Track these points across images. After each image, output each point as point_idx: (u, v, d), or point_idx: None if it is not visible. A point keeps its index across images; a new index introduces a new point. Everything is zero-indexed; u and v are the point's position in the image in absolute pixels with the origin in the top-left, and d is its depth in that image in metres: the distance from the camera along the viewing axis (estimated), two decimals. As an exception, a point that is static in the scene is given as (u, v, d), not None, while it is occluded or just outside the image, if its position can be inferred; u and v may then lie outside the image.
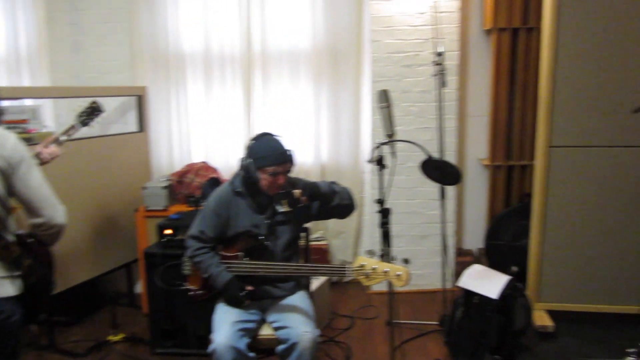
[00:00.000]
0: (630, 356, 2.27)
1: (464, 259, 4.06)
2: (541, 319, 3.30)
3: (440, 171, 2.81)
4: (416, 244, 3.95)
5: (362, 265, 2.17)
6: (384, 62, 3.69)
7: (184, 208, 3.55)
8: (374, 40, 3.66)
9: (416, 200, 3.89)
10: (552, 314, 3.35)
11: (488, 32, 3.85)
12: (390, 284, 2.25)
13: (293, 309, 2.43)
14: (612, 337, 3.16)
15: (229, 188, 2.47)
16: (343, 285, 4.11)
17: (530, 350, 3.12)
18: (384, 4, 3.61)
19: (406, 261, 2.22)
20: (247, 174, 2.37)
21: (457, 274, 3.09)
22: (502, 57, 3.77)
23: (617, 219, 3.19)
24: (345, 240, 4.17)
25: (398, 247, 3.88)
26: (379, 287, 3.74)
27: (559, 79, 3.08)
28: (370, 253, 2.24)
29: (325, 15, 3.81)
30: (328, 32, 3.84)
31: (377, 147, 2.66)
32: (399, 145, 2.93)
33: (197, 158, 4.06)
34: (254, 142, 2.41)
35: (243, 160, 2.38)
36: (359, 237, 4.20)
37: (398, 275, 2.12)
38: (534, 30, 3.66)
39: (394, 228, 3.84)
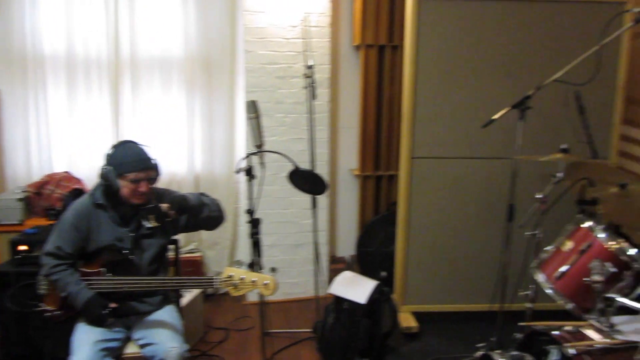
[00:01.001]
0: (480, 350, 2.46)
1: (337, 266, 4.19)
2: (407, 320, 3.48)
3: (307, 181, 2.87)
4: (291, 253, 4.00)
5: (230, 276, 2.16)
6: (258, 72, 3.72)
7: (43, 222, 3.30)
8: (248, 50, 3.67)
9: (290, 210, 3.94)
10: (417, 315, 3.55)
11: (357, 47, 4.03)
12: (260, 294, 2.26)
13: (160, 324, 2.35)
14: (469, 333, 3.40)
15: (89, 200, 2.33)
16: (218, 297, 4.05)
17: (396, 350, 3.28)
18: (257, 15, 3.64)
19: (273, 270, 2.24)
20: (107, 183, 2.25)
21: (331, 281, 3.18)
22: (370, 72, 3.97)
23: (471, 224, 3.46)
24: (221, 252, 4.11)
25: (273, 257, 3.94)
26: (254, 297, 3.78)
27: (420, 94, 3.30)
28: (238, 263, 2.24)
29: (197, 23, 3.76)
30: (201, 40, 3.79)
31: (246, 157, 2.67)
32: (272, 155, 2.96)
33: (58, 168, 3.79)
34: (114, 149, 2.30)
35: (102, 168, 2.27)
36: (235, 247, 4.16)
37: (265, 284, 2.14)
38: (399, 48, 3.89)
39: (269, 238, 3.91)
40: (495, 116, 2.72)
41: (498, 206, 3.31)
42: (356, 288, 3.10)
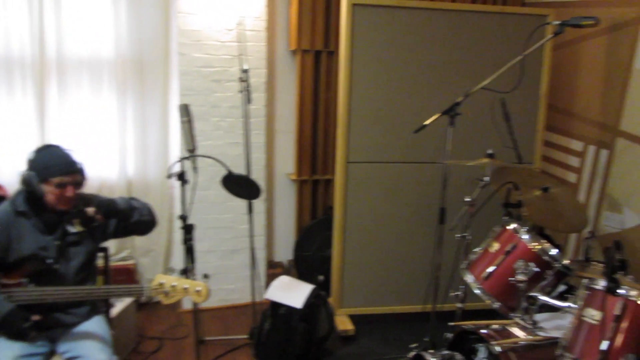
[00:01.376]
0: (413, 351, 2.51)
1: (275, 271, 4.17)
2: (343, 323, 3.51)
3: (241, 186, 2.85)
4: (227, 258, 3.95)
5: (161, 284, 2.11)
6: (193, 75, 3.65)
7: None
8: (182, 53, 3.60)
9: (227, 215, 3.89)
10: (353, 318, 3.59)
11: (293, 52, 4.04)
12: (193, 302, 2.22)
13: (87, 336, 2.26)
14: (404, 334, 3.48)
15: (9, 208, 2.21)
16: (153, 305, 3.94)
17: (333, 354, 3.30)
18: (191, 17, 3.57)
19: (206, 276, 2.20)
20: (29, 189, 2.15)
21: (269, 286, 3.17)
22: (306, 77, 3.98)
23: (405, 227, 3.55)
24: (155, 259, 4.00)
25: (209, 263, 3.88)
26: (190, 304, 3.70)
27: (354, 100, 3.35)
28: (170, 270, 2.19)
29: (129, 24, 3.64)
30: (133, 42, 3.67)
31: (178, 162, 2.61)
32: (208, 160, 2.92)
33: (-23, 173, 3.58)
34: (36, 153, 2.19)
35: (24, 173, 2.16)
36: (170, 254, 4.07)
37: (198, 291, 2.10)
38: (335, 54, 3.93)
39: (205, 243, 3.85)
40: (427, 122, 2.80)
41: (430, 209, 3.39)
42: (292, 293, 3.10)
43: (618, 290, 1.86)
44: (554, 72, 3.68)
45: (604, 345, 1.81)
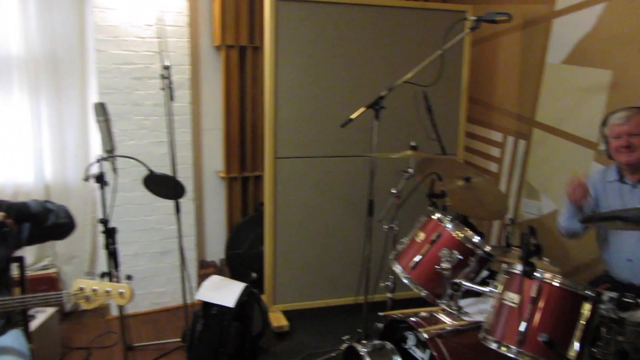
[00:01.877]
0: (345, 342, 2.54)
1: (207, 270, 4.10)
2: (277, 320, 3.50)
3: (164, 186, 2.78)
4: (156, 260, 3.84)
5: (81, 289, 2.02)
6: (112, 73, 3.51)
7: None
8: (99, 50, 3.45)
9: (154, 216, 3.78)
10: (288, 313, 3.58)
11: (218, 48, 3.97)
12: (120, 307, 2.14)
13: (1, 351, 2.12)
14: (338, 327, 3.51)
15: None
16: (79, 314, 3.77)
17: (268, 351, 3.28)
18: (108, 13, 3.43)
19: (129, 278, 2.13)
20: None
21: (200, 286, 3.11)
22: (232, 73, 3.93)
23: (336, 221, 3.57)
24: (79, 265, 3.83)
25: (137, 266, 3.76)
26: (118, 311, 3.58)
27: (281, 95, 3.33)
28: (90, 274, 2.09)
29: (40, 20, 3.42)
30: (44, 39, 3.46)
31: (96, 163, 2.50)
32: (132, 161, 2.81)
33: None
34: None
35: None
36: (94, 260, 3.90)
37: (121, 293, 2.03)
38: (260, 49, 3.90)
39: (132, 247, 3.73)
40: (353, 116, 2.83)
41: (359, 202, 3.44)
42: (224, 292, 3.06)
43: (534, 274, 1.95)
44: (474, 66, 3.82)
45: (522, 326, 1.90)
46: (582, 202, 2.60)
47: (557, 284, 1.93)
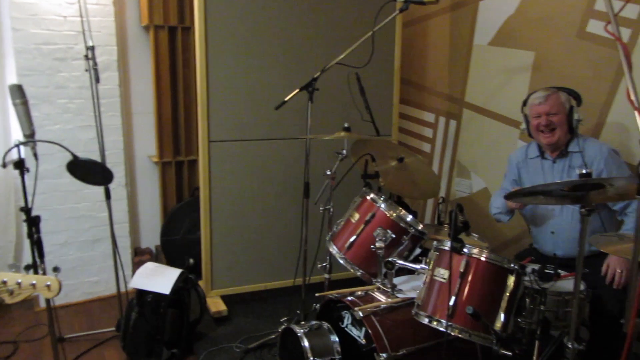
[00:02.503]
0: (283, 324, 2.55)
1: (142, 258, 4.00)
2: (216, 305, 3.47)
3: (89, 172, 2.67)
4: (88, 249, 3.71)
5: (3, 282, 1.92)
6: (32, 54, 3.32)
7: None
8: (16, 29, 3.24)
9: (84, 204, 3.64)
10: (227, 298, 3.56)
11: (146, 28, 3.83)
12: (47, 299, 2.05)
13: None
14: (277, 309, 3.53)
15: None
16: (4, 308, 3.60)
17: (206, 336, 3.25)
18: (25, -11, 3.24)
19: (56, 269, 2.05)
20: None
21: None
22: (162, 54, 3.81)
23: (273, 203, 3.56)
24: (4, 257, 3.63)
25: (67, 255, 3.63)
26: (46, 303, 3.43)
27: (213, 77, 3.25)
28: (14, 267, 1.99)
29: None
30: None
31: (13, 148, 2.36)
32: (56, 146, 2.68)
33: None
34: None
35: None
36: (20, 250, 3.72)
37: (47, 285, 1.94)
38: (191, 29, 3.79)
39: (61, 235, 3.59)
40: (287, 98, 2.81)
41: (296, 185, 3.43)
42: (159, 279, 3.00)
43: (462, 250, 2.02)
44: (406, 48, 3.88)
45: (452, 300, 1.97)
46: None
47: (484, 259, 2.02)
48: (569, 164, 2.63)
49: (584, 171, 1.81)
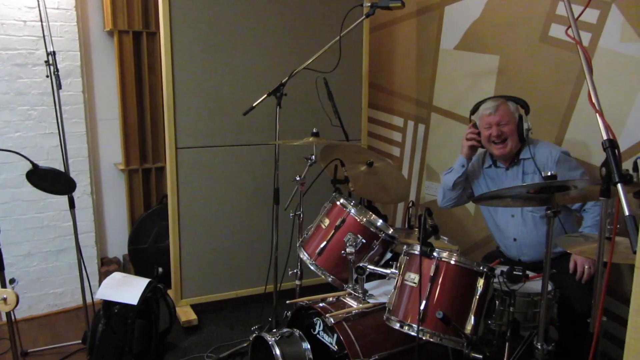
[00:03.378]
0: (254, 333, 2.52)
1: (109, 268, 3.91)
2: (186, 314, 3.41)
3: (50, 181, 2.58)
4: (53, 260, 3.61)
5: (-42, 298, 1.85)
6: (-9, 59, 3.23)
7: None
8: (-27, 34, 3.16)
9: (47, 213, 3.54)
10: (197, 307, 3.50)
11: (110, 33, 3.75)
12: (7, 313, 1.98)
13: None
14: (249, 318, 3.48)
15: None
16: (-36, 323, 3.48)
17: (176, 347, 3.19)
18: (-17, -7, 3.14)
19: (12, 282, 1.98)
20: None
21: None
22: (127, 60, 3.74)
23: (243, 210, 3.52)
24: (-38, 270, 3.52)
25: (31, 267, 3.54)
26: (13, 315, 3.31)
27: (179, 83, 3.20)
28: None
29: None
30: None
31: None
32: (17, 155, 2.60)
33: None
34: None
35: None
36: (-20, 263, 3.60)
37: (4, 299, 1.88)
38: (157, 34, 3.73)
39: (24, 246, 3.49)
40: (255, 103, 2.79)
41: (266, 191, 3.40)
42: (126, 289, 2.93)
43: (432, 253, 2.03)
44: (374, 52, 3.89)
45: (423, 305, 1.97)
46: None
47: (454, 262, 2.03)
48: (523, 171, 2.69)
49: (549, 173, 1.84)
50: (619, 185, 1.34)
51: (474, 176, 2.90)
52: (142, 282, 2.99)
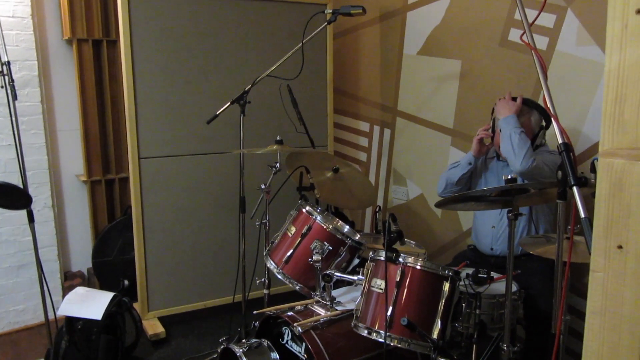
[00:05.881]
0: (222, 344, 2.48)
1: (73, 282, 3.81)
2: (153, 327, 3.34)
3: (4, 196, 2.50)
4: (13, 276, 3.50)
5: None
6: (-58, 70, 3.11)
7: None
8: None
9: (6, 228, 3.43)
10: (165, 319, 3.43)
11: (69, 42, 3.67)
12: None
13: None
14: (218, 328, 3.43)
15: None
16: None
17: (143, 361, 3.13)
18: None
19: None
20: None
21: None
22: (86, 69, 3.66)
23: (209, 219, 3.47)
24: None
25: (-12, 284, 3.40)
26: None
27: (140, 92, 3.14)
28: None
29: None
30: None
31: None
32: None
33: None
34: None
35: None
36: None
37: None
38: (117, 43, 3.66)
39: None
40: (218, 111, 2.76)
41: (231, 199, 3.36)
42: (90, 304, 2.85)
43: (397, 259, 2.03)
44: (339, 58, 3.90)
45: (389, 311, 1.97)
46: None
47: (419, 267, 2.03)
48: None
49: (509, 177, 1.86)
50: (575, 188, 1.37)
51: (476, 171, 2.91)
52: (106, 297, 2.92)
